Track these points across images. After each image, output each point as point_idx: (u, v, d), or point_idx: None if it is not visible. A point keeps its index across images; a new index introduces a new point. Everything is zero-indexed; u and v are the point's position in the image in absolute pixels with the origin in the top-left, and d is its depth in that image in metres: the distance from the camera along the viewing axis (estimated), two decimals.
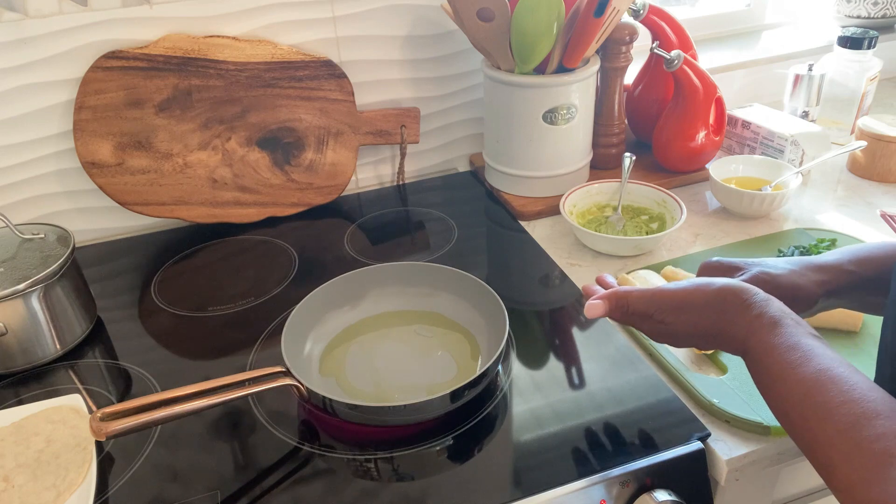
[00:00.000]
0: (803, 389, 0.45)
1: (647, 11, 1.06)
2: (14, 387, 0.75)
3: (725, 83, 1.19)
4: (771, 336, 0.50)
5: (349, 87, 1.03)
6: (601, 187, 0.99)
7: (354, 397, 0.69)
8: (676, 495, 0.60)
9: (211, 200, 1.02)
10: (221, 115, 0.99)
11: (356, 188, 1.16)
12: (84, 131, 0.94)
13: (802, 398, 0.45)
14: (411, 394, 0.69)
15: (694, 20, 1.37)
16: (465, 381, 0.63)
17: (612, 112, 1.07)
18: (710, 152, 1.06)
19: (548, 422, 0.66)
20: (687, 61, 0.99)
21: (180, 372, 0.76)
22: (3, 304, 0.72)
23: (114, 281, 0.93)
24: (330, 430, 0.66)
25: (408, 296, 0.81)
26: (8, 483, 0.60)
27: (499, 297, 0.74)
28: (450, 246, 0.96)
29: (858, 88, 1.14)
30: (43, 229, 0.81)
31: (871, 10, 1.34)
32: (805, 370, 0.46)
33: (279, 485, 0.61)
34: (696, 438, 0.63)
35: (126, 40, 0.94)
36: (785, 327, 0.50)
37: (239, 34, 0.98)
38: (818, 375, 0.45)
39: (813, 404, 0.44)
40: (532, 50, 0.92)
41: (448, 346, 0.75)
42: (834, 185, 1.07)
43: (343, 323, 0.79)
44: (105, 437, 0.55)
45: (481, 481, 0.60)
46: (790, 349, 0.48)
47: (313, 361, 0.74)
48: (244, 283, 0.91)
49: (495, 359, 0.66)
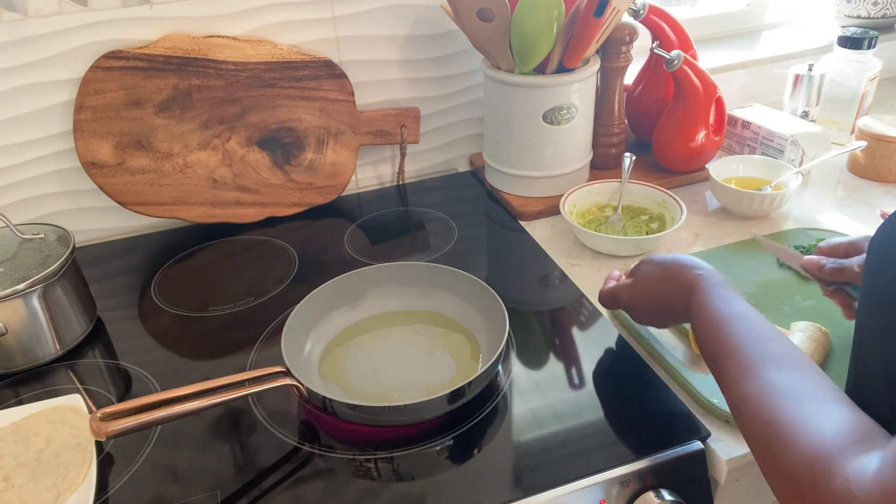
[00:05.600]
0: (719, 325, 0.55)
1: (647, 11, 1.06)
2: (14, 387, 0.75)
3: (725, 83, 1.19)
4: (706, 297, 0.59)
5: (349, 87, 1.03)
6: (601, 187, 0.99)
7: (354, 397, 0.69)
8: (676, 495, 0.60)
9: (211, 200, 1.02)
10: (221, 115, 0.99)
11: (356, 188, 1.16)
12: (84, 131, 0.94)
13: (718, 330, 0.55)
14: (411, 394, 0.69)
15: (694, 20, 1.37)
16: (464, 381, 0.63)
17: (612, 112, 1.07)
18: (710, 152, 1.06)
19: (548, 422, 0.66)
20: (687, 61, 0.99)
21: (180, 372, 0.76)
22: (3, 304, 0.72)
23: (114, 281, 0.93)
24: (330, 431, 0.66)
25: (408, 296, 0.81)
26: (8, 483, 0.60)
27: (498, 297, 0.74)
28: (450, 246, 0.96)
29: (858, 88, 1.14)
30: (43, 229, 0.81)
31: (871, 10, 1.34)
32: (724, 311, 0.56)
33: (279, 485, 0.61)
34: (696, 438, 0.63)
35: (126, 40, 0.94)
36: (720, 289, 0.59)
37: (239, 34, 0.98)
38: (733, 315, 0.55)
39: (725, 334, 0.54)
40: (532, 50, 0.92)
41: (448, 346, 0.75)
42: (834, 185, 1.07)
43: (343, 323, 0.79)
44: (105, 437, 0.55)
45: (481, 481, 0.60)
46: (719, 304, 0.57)
47: (313, 361, 0.74)
48: (244, 283, 0.91)
49: (495, 359, 0.66)
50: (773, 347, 0.50)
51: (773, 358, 0.49)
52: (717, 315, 0.56)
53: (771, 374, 0.47)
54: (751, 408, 0.46)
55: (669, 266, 0.66)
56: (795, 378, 0.46)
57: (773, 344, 0.51)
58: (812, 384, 0.45)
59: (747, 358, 0.50)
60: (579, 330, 0.79)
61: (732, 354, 0.52)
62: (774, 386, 0.46)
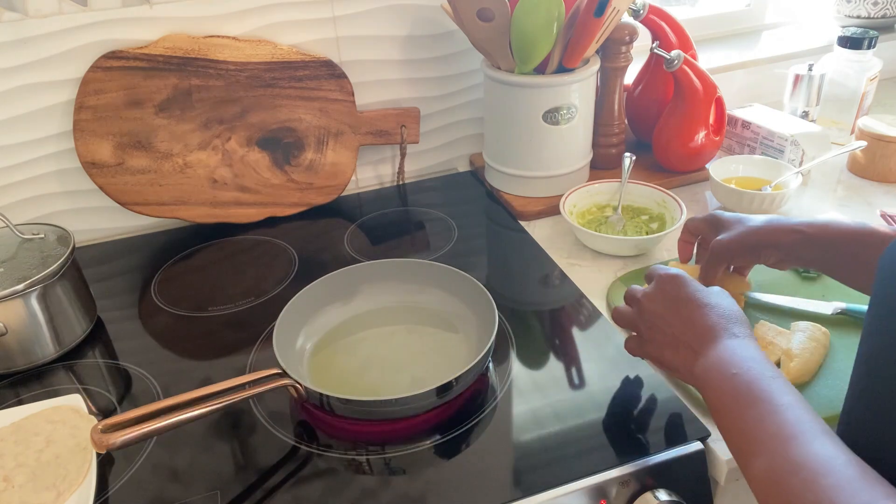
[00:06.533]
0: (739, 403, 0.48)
1: (647, 11, 1.06)
2: (14, 387, 0.75)
3: (725, 83, 1.19)
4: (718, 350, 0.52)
5: (349, 87, 1.03)
6: (601, 187, 0.99)
7: (346, 393, 0.69)
8: (676, 495, 0.60)
9: (211, 200, 1.02)
10: (221, 115, 0.99)
11: (356, 188, 1.16)
12: (84, 131, 0.94)
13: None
14: (403, 389, 0.69)
15: (694, 20, 1.37)
16: (453, 375, 0.64)
17: (612, 112, 1.07)
18: (710, 152, 1.06)
19: (548, 422, 0.66)
20: (687, 61, 0.99)
21: (180, 372, 0.76)
22: (3, 304, 0.72)
23: (114, 281, 0.93)
24: (329, 430, 0.66)
25: (399, 292, 0.81)
26: (8, 483, 0.60)
27: (488, 292, 0.74)
28: (450, 246, 0.96)
29: (858, 88, 1.14)
30: (43, 229, 0.81)
31: (871, 10, 1.34)
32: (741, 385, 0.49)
33: (280, 485, 0.61)
34: (696, 438, 0.63)
35: (126, 40, 0.94)
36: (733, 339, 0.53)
37: (239, 34, 0.98)
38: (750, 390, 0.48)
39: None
40: (532, 50, 0.92)
41: (439, 342, 0.76)
42: (834, 185, 1.07)
43: (335, 320, 0.79)
44: (106, 450, 0.55)
45: (481, 481, 0.60)
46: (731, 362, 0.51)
47: (305, 359, 0.74)
48: (244, 283, 0.91)
49: (483, 354, 0.66)
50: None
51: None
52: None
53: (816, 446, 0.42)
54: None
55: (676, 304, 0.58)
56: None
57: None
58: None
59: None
60: (579, 330, 0.79)
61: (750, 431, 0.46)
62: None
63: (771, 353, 0.69)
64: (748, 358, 0.50)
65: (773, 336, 0.71)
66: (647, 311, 0.60)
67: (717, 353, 0.52)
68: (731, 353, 0.52)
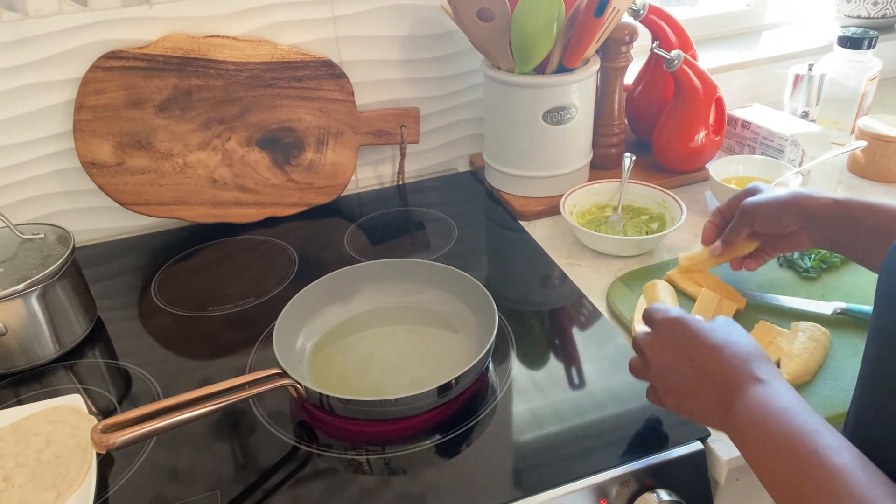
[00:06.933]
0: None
1: (647, 11, 1.06)
2: (14, 387, 0.75)
3: (725, 83, 1.19)
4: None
5: (349, 87, 1.03)
6: (601, 187, 0.99)
7: (346, 393, 0.69)
8: (676, 495, 0.60)
9: (211, 200, 1.02)
10: (221, 115, 0.99)
11: (356, 188, 1.16)
12: (84, 131, 0.94)
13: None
14: (403, 389, 0.69)
15: (694, 20, 1.37)
16: (453, 375, 0.64)
17: (612, 112, 1.07)
18: (710, 152, 1.06)
19: (548, 422, 0.66)
20: (687, 61, 0.99)
21: (180, 372, 0.76)
22: (3, 304, 0.72)
23: (114, 281, 0.93)
24: (329, 430, 0.66)
25: (399, 292, 0.81)
26: (8, 483, 0.60)
27: (488, 292, 0.74)
28: (450, 246, 0.96)
29: (858, 88, 1.14)
30: (43, 229, 0.81)
31: (871, 10, 1.34)
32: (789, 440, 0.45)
33: (280, 485, 0.61)
34: (696, 438, 0.63)
35: (126, 40, 0.94)
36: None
37: (239, 34, 0.98)
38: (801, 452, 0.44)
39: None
40: (532, 50, 0.92)
41: (439, 342, 0.76)
42: (834, 185, 1.07)
43: (335, 320, 0.79)
44: (106, 450, 0.55)
45: (481, 481, 0.60)
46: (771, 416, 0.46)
47: (305, 359, 0.74)
48: (244, 283, 0.91)
49: (484, 354, 0.66)
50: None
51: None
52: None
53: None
54: None
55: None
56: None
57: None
58: None
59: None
60: (579, 330, 0.79)
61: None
62: None
63: (771, 353, 0.69)
64: (782, 411, 0.46)
65: (773, 336, 0.71)
66: (655, 363, 0.56)
67: (748, 409, 0.48)
68: (763, 408, 0.47)
